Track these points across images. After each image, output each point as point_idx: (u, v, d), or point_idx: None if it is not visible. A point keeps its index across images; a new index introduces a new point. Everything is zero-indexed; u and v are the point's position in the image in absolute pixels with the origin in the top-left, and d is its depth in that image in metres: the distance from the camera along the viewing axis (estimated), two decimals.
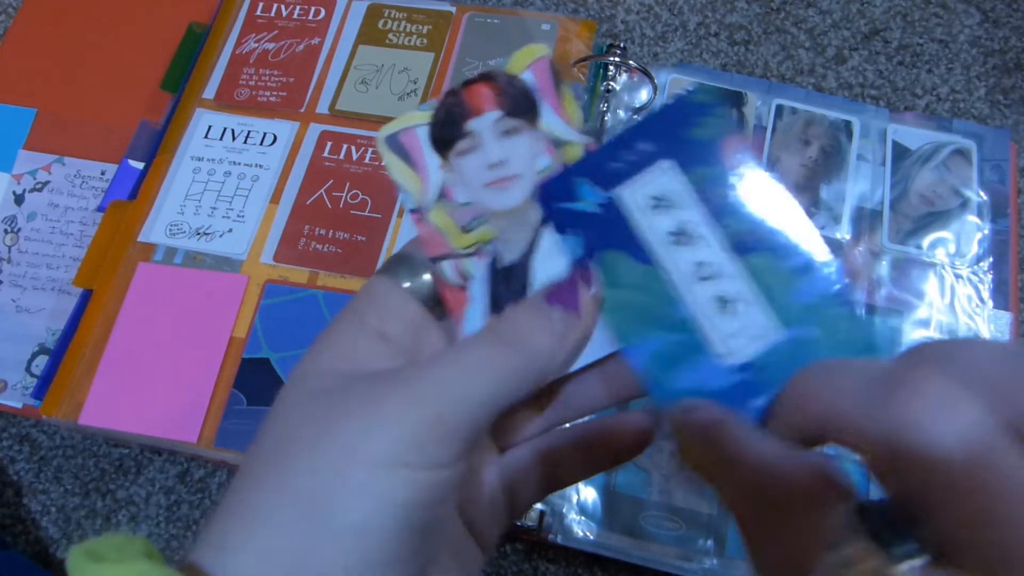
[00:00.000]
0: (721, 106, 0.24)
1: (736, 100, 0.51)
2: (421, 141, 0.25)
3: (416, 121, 0.25)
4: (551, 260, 0.24)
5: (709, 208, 0.23)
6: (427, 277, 0.24)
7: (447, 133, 0.24)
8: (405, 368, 0.21)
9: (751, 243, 0.23)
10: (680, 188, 0.23)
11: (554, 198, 0.24)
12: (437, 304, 0.24)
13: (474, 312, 0.24)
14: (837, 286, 0.22)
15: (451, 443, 0.20)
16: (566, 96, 0.25)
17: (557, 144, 0.24)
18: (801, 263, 0.22)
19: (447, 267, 0.24)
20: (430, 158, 0.25)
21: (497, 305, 0.24)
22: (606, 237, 0.23)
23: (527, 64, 0.25)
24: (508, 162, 0.24)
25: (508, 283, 0.24)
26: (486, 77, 0.25)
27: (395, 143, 0.25)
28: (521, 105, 0.24)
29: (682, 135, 0.24)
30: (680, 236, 0.23)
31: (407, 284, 0.24)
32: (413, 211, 0.25)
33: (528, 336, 0.21)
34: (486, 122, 0.24)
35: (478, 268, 0.24)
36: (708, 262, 0.23)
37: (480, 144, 0.24)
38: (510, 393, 0.21)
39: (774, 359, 0.22)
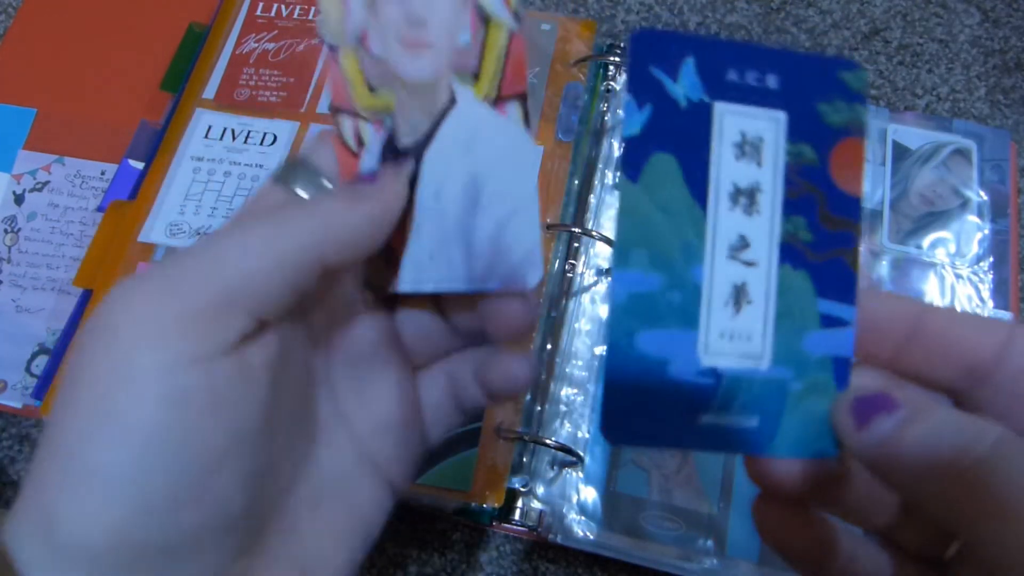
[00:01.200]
0: (862, 101, 0.21)
1: None
2: None
3: None
4: (445, 161, 0.22)
5: (786, 192, 0.20)
6: (326, 185, 0.22)
7: None
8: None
9: (802, 258, 0.20)
10: (775, 151, 0.20)
11: (651, 58, 0.19)
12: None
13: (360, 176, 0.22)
14: (846, 359, 0.21)
15: (227, 322, 0.19)
16: None
17: (483, 19, 0.21)
18: (833, 314, 0.20)
19: (346, 124, 0.22)
20: None
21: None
22: (674, 139, 0.20)
23: None
24: (428, 23, 0.21)
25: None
26: None
27: None
28: None
29: (811, 98, 0.20)
30: (743, 197, 0.20)
31: (303, 193, 0.22)
32: (330, 47, 0.21)
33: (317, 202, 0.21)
34: None
35: (373, 140, 0.22)
36: (751, 244, 0.20)
37: None
38: (296, 258, 0.19)
39: (744, 387, 0.20)
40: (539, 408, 0.44)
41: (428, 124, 0.22)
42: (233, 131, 0.52)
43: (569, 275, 0.46)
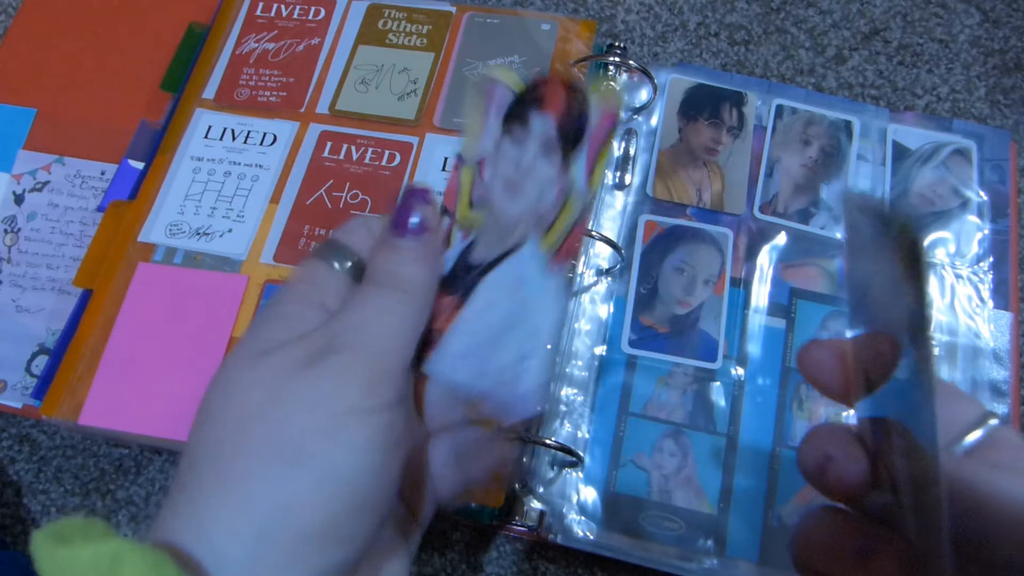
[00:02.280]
0: None
1: (736, 100, 0.51)
2: (499, 103, 0.25)
3: (511, 81, 0.25)
4: (497, 288, 0.25)
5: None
6: (354, 262, 0.25)
7: (516, 112, 0.25)
8: (332, 323, 0.23)
9: None
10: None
11: None
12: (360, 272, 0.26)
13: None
14: None
15: (391, 382, 0.22)
16: (604, 156, 0.25)
17: (566, 191, 0.25)
18: None
19: (445, 222, 0.26)
20: (495, 121, 0.25)
21: (446, 283, 0.25)
22: None
23: (604, 101, 0.25)
24: (530, 175, 0.25)
25: (463, 276, 0.25)
26: (572, 82, 0.25)
27: (487, 89, 0.25)
28: (571, 129, 0.25)
29: None
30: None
31: (338, 267, 0.25)
32: (458, 157, 0.26)
33: (399, 272, 0.24)
34: (542, 124, 0.25)
35: (457, 243, 0.26)
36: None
37: (526, 141, 0.25)
38: (415, 322, 0.24)
39: None
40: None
41: (498, 252, 0.26)
42: (233, 131, 0.52)
43: (569, 275, 0.46)
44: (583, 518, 0.42)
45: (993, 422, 0.23)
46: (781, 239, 0.48)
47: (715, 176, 0.49)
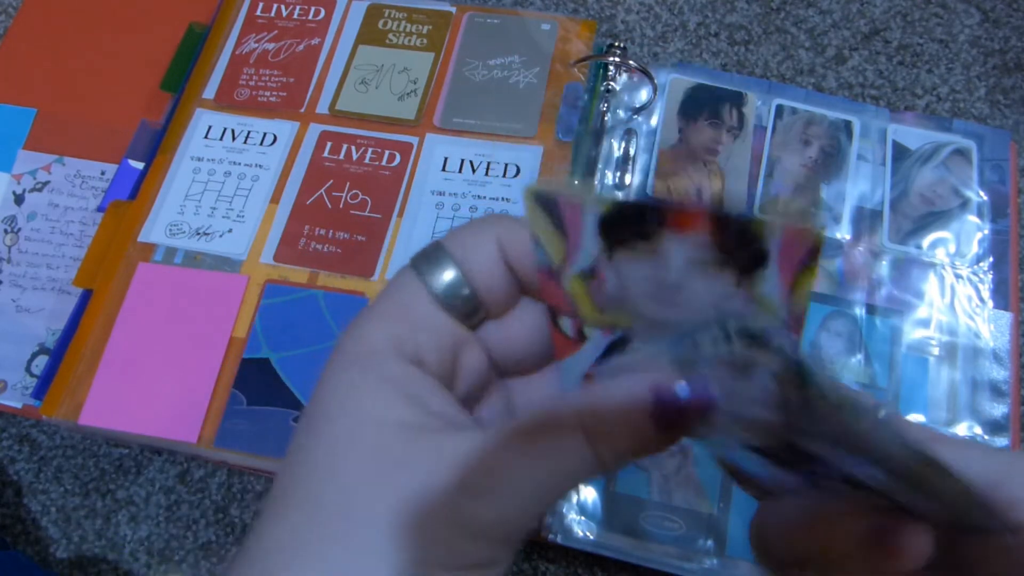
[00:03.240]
0: None
1: (736, 100, 0.51)
2: (586, 222, 0.21)
3: (580, 198, 0.21)
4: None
5: None
6: (466, 291, 0.21)
7: (627, 233, 0.20)
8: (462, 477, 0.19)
9: None
10: None
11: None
12: (473, 311, 0.21)
13: (577, 364, 0.21)
14: None
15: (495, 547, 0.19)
16: (805, 278, 0.20)
17: (756, 300, 0.20)
18: None
19: (566, 322, 0.22)
20: (590, 238, 0.21)
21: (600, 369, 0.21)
22: None
23: (779, 232, 0.20)
24: (684, 290, 0.20)
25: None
26: (712, 212, 0.20)
27: (547, 203, 0.21)
28: (741, 250, 0.20)
29: None
30: None
31: (440, 291, 0.21)
32: (542, 268, 0.21)
33: (609, 439, 0.18)
34: (681, 241, 0.20)
35: (600, 340, 0.22)
36: None
37: (661, 259, 0.20)
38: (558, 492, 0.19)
39: None
40: None
41: (667, 336, 0.21)
42: (233, 131, 0.52)
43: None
44: (583, 518, 0.42)
45: None
46: None
47: (715, 176, 0.49)
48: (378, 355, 0.20)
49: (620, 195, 0.19)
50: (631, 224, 0.20)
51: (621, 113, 0.52)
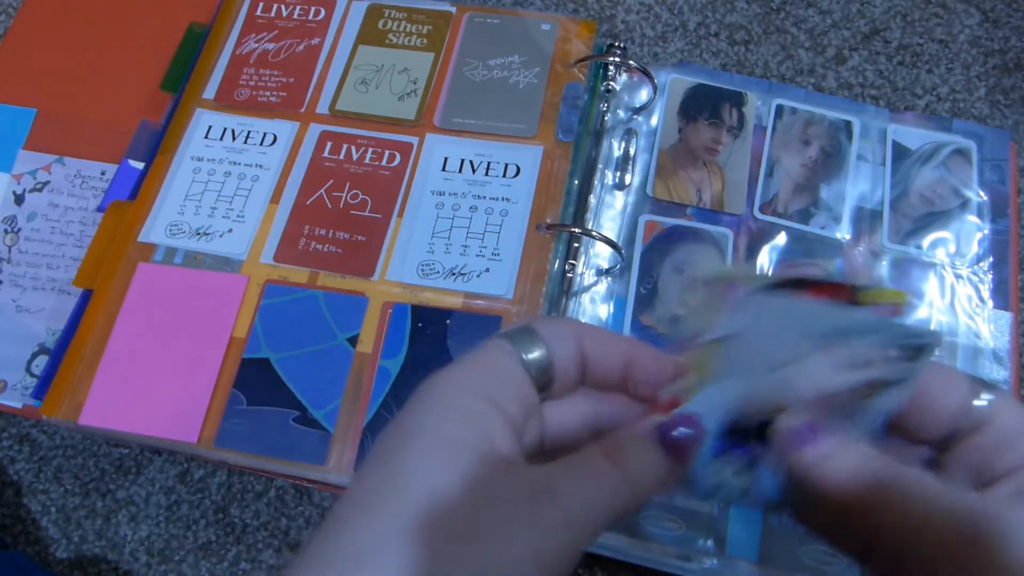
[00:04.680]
0: None
1: (736, 100, 0.51)
2: (738, 295, 0.26)
3: (743, 278, 0.26)
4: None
5: None
6: (547, 367, 0.25)
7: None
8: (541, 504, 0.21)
9: None
10: None
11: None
12: (547, 386, 0.25)
13: (705, 462, 0.24)
14: None
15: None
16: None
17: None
18: None
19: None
20: (739, 312, 0.26)
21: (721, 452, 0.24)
22: None
23: (886, 301, 0.25)
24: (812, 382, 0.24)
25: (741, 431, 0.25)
26: (837, 283, 0.25)
27: (714, 283, 0.26)
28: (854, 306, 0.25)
29: None
30: None
31: (528, 361, 0.24)
32: (684, 337, 0.26)
33: (639, 473, 0.23)
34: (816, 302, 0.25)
35: (699, 400, 0.24)
36: None
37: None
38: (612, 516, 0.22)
39: None
40: None
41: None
42: (233, 131, 0.52)
43: (569, 275, 0.46)
44: None
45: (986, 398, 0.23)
46: (781, 239, 0.48)
47: (715, 176, 0.49)
48: (465, 392, 0.23)
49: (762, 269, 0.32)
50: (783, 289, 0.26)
51: (621, 113, 0.52)
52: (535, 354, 0.24)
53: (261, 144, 0.51)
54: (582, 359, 0.25)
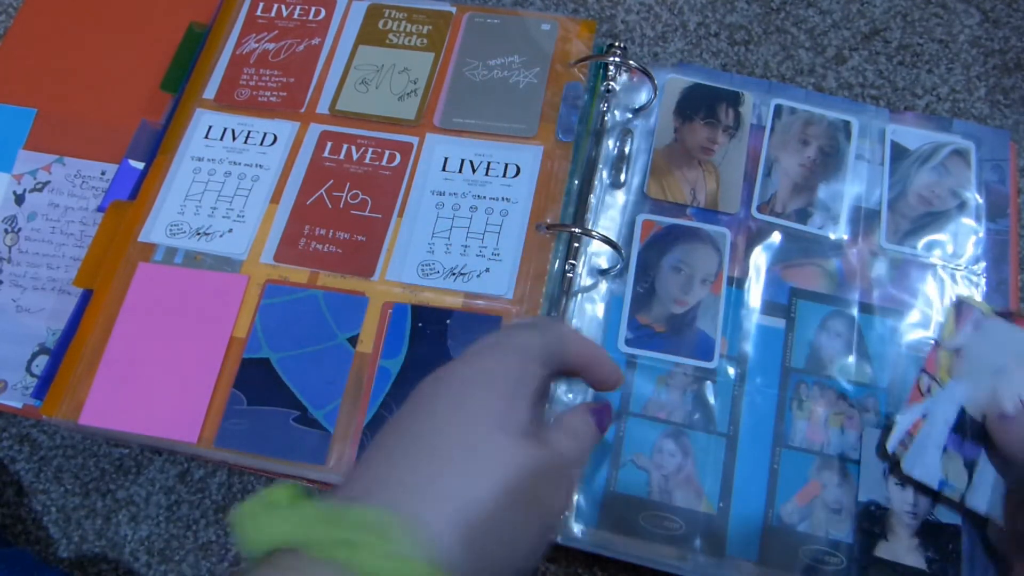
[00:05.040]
0: None
1: (732, 100, 0.51)
2: (983, 329, 0.43)
3: (982, 307, 0.43)
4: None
5: None
6: (554, 367, 0.31)
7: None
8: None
9: None
10: None
11: None
12: (554, 372, 0.32)
13: (930, 441, 0.40)
14: None
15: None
16: None
17: None
18: None
19: (925, 380, 0.42)
20: (971, 330, 0.43)
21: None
22: None
23: None
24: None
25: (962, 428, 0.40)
26: None
27: (958, 306, 0.44)
28: None
29: None
30: None
31: (546, 348, 0.31)
32: (937, 342, 0.43)
33: (580, 433, 0.31)
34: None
35: (941, 393, 0.41)
36: None
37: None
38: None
39: None
40: None
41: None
42: (233, 131, 0.52)
43: (569, 275, 0.46)
44: (582, 518, 0.42)
45: None
46: (779, 239, 0.48)
47: (710, 175, 0.50)
48: (523, 351, 0.30)
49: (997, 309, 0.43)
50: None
51: (618, 114, 0.52)
52: (550, 345, 0.31)
53: (261, 144, 0.51)
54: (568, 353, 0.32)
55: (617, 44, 0.52)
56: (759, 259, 0.47)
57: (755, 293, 0.46)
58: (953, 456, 0.40)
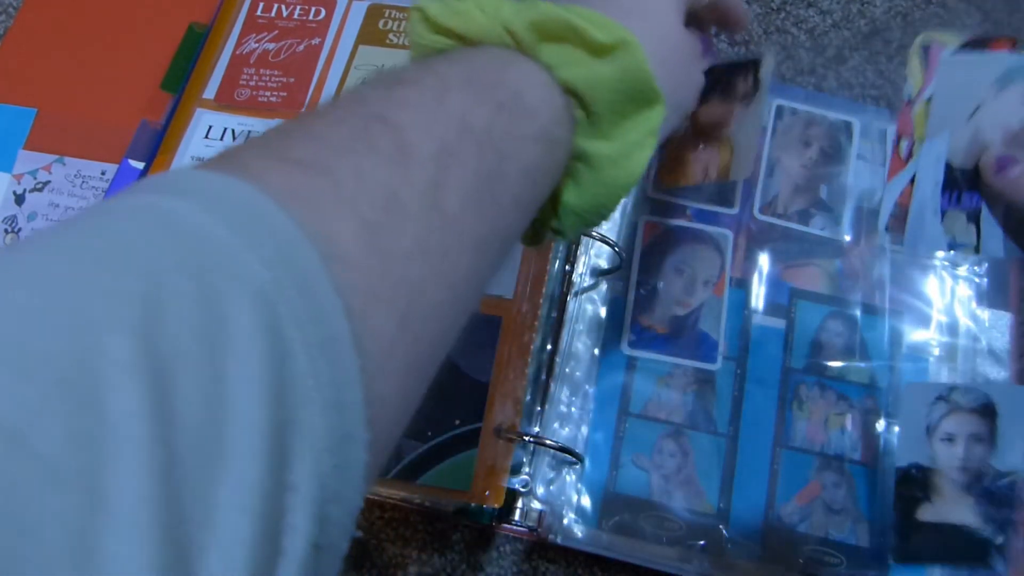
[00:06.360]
0: None
1: (754, 66, 0.51)
2: (945, 67, 0.34)
3: (949, 42, 0.35)
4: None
5: None
6: None
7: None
8: None
9: None
10: None
11: None
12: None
13: (901, 179, 0.36)
14: None
15: None
16: None
17: None
18: None
19: (904, 145, 0.35)
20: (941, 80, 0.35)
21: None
22: None
23: None
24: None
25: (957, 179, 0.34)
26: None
27: (925, 50, 0.36)
28: None
29: None
30: None
31: None
32: (909, 99, 0.36)
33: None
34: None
35: (923, 154, 0.34)
36: None
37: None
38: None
39: None
40: (539, 408, 0.44)
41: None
42: (233, 131, 0.52)
43: (569, 275, 0.46)
44: (583, 518, 0.42)
45: None
46: (781, 240, 0.48)
47: (724, 147, 0.49)
48: None
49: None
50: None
51: None
52: None
53: None
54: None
55: None
56: (763, 260, 0.47)
57: (758, 294, 0.46)
58: (954, 215, 0.35)
